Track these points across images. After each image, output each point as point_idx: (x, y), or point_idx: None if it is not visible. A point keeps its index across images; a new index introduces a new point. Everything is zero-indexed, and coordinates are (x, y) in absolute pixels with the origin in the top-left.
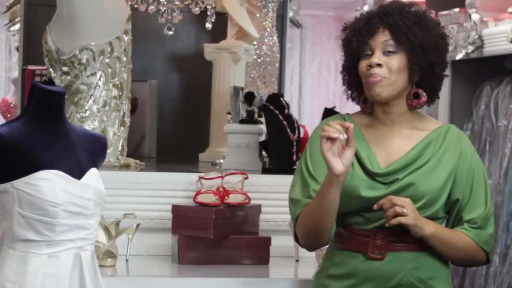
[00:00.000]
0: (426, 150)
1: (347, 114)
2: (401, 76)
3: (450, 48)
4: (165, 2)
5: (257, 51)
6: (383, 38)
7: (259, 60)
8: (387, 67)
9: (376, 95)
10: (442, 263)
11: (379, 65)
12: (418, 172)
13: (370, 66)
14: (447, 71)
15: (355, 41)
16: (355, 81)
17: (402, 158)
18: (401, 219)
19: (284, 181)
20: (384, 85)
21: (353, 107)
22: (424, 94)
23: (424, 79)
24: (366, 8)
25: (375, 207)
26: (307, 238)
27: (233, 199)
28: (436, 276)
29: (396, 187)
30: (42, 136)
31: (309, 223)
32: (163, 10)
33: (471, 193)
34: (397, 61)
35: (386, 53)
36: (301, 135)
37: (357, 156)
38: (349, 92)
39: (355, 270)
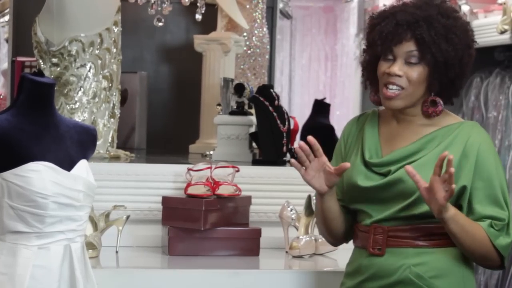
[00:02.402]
0: (428, 145)
1: (377, 109)
2: (419, 88)
3: None
4: None
5: (247, 43)
6: (407, 49)
7: (249, 51)
8: (407, 77)
9: (392, 108)
10: (452, 262)
11: (398, 75)
12: (411, 166)
13: (389, 74)
14: None
15: (380, 45)
16: (373, 75)
17: (399, 150)
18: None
19: (274, 172)
20: (400, 98)
21: (343, 99)
22: (441, 102)
23: (442, 90)
24: None
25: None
26: (323, 236)
27: (223, 190)
28: (440, 275)
29: (387, 180)
30: (31, 128)
31: (319, 226)
32: (152, 1)
33: (484, 188)
34: (417, 73)
35: (408, 62)
36: (291, 127)
37: (362, 147)
38: (367, 82)
39: (360, 267)
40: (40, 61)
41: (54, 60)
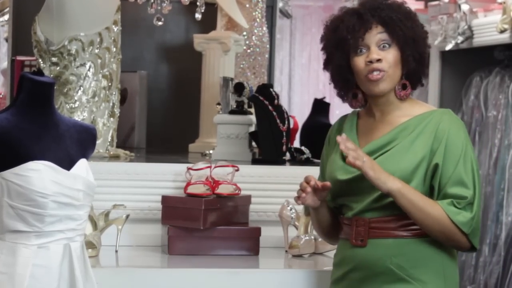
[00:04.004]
0: (401, 134)
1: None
2: (397, 69)
3: (440, 38)
4: None
5: (247, 42)
6: (378, 33)
7: (248, 50)
8: (385, 60)
9: (379, 91)
10: (431, 250)
11: (379, 60)
12: (385, 155)
13: (370, 62)
14: (437, 62)
15: (351, 39)
16: (346, 77)
17: (374, 141)
18: (358, 163)
19: (274, 171)
20: (385, 80)
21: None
22: (409, 85)
23: (415, 70)
24: None
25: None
26: (322, 239)
27: (223, 189)
28: (420, 264)
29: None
30: (31, 127)
31: (317, 231)
32: (152, 1)
33: (451, 168)
34: (392, 54)
35: (381, 47)
36: (291, 126)
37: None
38: (338, 88)
39: (344, 258)
40: (40, 60)
41: (54, 59)
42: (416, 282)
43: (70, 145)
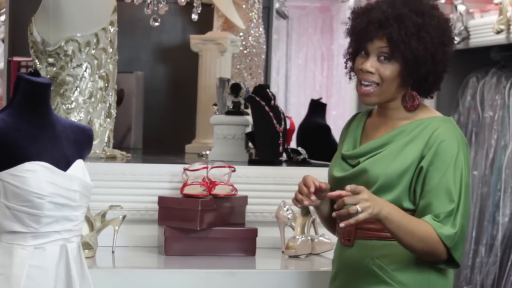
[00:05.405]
0: (396, 138)
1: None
2: (392, 84)
3: None
4: None
5: (243, 43)
6: (379, 46)
7: (245, 51)
8: (379, 74)
9: (366, 103)
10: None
11: (370, 72)
12: (375, 157)
13: (362, 70)
14: None
15: (354, 41)
16: (350, 66)
17: (370, 142)
18: (360, 217)
19: (271, 172)
20: (375, 94)
21: (339, 99)
22: (418, 97)
23: (417, 86)
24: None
25: (336, 206)
26: (333, 234)
27: (220, 190)
28: (403, 268)
29: (353, 170)
30: (28, 128)
31: (325, 227)
32: (149, 1)
33: (438, 176)
34: (389, 70)
35: (381, 59)
36: (288, 127)
37: (343, 142)
38: (351, 73)
39: (336, 256)
40: (36, 61)
41: (50, 60)
42: (398, 285)
43: (67, 145)
